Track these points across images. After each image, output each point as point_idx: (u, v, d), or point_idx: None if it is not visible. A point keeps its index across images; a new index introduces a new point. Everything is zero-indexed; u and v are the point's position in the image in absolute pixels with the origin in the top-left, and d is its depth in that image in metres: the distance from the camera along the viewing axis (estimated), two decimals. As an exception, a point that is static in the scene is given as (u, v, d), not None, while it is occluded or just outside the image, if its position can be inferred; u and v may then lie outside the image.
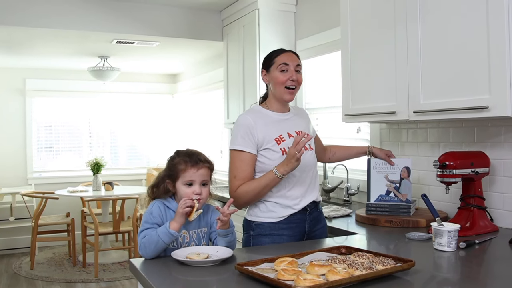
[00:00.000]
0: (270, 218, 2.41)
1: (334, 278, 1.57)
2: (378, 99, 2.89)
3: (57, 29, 4.71)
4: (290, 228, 2.42)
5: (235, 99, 4.98)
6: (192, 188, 2.11)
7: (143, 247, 2.01)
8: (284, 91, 2.45)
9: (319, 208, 2.58)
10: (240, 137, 2.40)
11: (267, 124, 2.44)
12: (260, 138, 2.40)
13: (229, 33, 5.11)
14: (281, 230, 2.41)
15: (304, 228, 2.46)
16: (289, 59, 2.47)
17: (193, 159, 2.13)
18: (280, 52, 2.51)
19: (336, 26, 3.75)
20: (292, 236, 2.42)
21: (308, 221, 2.47)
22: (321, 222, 2.58)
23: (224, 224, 2.06)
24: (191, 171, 2.11)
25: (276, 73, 2.46)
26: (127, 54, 6.24)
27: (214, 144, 6.63)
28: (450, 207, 2.85)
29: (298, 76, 2.47)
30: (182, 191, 2.11)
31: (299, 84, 2.49)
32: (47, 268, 5.97)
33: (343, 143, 3.86)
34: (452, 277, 1.86)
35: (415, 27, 2.60)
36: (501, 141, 2.63)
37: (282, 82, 2.44)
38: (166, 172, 2.18)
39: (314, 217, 2.51)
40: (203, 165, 2.14)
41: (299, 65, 2.50)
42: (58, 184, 7.17)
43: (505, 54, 2.15)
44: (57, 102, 7.62)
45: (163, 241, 1.98)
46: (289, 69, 2.44)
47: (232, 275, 1.78)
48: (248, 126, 2.40)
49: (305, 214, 2.46)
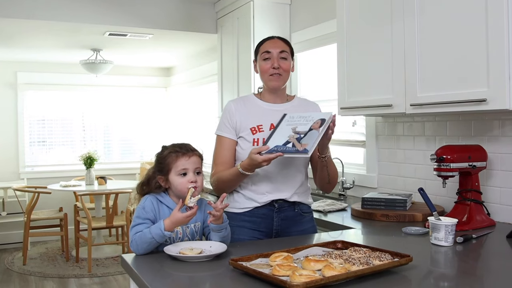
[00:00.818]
0: (233, 208, 2.36)
1: (330, 273, 1.53)
2: (375, 92, 2.85)
3: (49, 20, 4.63)
4: (253, 222, 2.35)
5: (229, 92, 4.93)
6: (186, 177, 2.07)
7: (135, 244, 1.96)
8: (268, 78, 2.40)
9: (299, 210, 2.41)
10: (221, 123, 2.44)
11: (250, 112, 2.40)
12: (238, 125, 2.39)
13: (223, 25, 5.06)
14: (242, 222, 2.35)
15: (272, 225, 2.37)
16: (272, 46, 2.40)
17: (183, 148, 2.11)
18: (264, 40, 2.47)
19: (332, 18, 3.70)
20: (255, 230, 2.35)
21: (277, 219, 2.37)
22: (302, 225, 2.43)
23: (217, 219, 2.01)
24: (183, 159, 2.07)
25: (260, 62, 2.42)
26: (120, 47, 6.18)
27: (208, 137, 6.58)
28: (447, 201, 2.82)
29: (282, 62, 2.38)
30: (177, 182, 2.07)
31: (285, 71, 2.39)
32: (39, 263, 5.92)
33: (339, 136, 3.83)
34: (449, 272, 1.84)
35: (412, 19, 2.56)
36: (498, 135, 2.60)
37: (265, 70, 2.39)
38: (156, 167, 2.13)
39: (286, 216, 2.38)
40: (193, 153, 2.11)
41: (284, 51, 2.40)
42: (51, 178, 7.10)
43: (504, 46, 2.12)
44: (49, 96, 7.54)
45: (156, 241, 1.94)
46: (272, 56, 2.38)
47: (226, 271, 1.74)
48: (228, 112, 2.43)
49: (272, 210, 2.36)
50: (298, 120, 2.25)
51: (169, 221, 1.95)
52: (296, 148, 2.13)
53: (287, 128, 2.23)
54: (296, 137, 2.17)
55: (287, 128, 2.23)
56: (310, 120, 2.21)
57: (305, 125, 2.20)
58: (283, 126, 2.25)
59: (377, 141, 3.44)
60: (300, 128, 2.20)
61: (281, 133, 2.22)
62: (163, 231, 1.92)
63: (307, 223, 2.47)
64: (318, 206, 3.07)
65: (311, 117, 2.23)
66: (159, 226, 1.94)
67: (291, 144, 2.15)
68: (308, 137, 2.15)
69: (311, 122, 2.20)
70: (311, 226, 2.49)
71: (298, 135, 2.18)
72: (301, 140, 2.15)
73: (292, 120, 2.26)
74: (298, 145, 2.14)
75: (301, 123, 2.22)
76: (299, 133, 2.18)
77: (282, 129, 2.24)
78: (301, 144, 2.13)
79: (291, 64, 2.44)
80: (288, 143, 2.16)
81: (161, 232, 1.92)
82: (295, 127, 2.21)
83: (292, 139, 2.17)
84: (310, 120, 2.21)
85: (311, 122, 2.20)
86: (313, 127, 2.17)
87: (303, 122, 2.22)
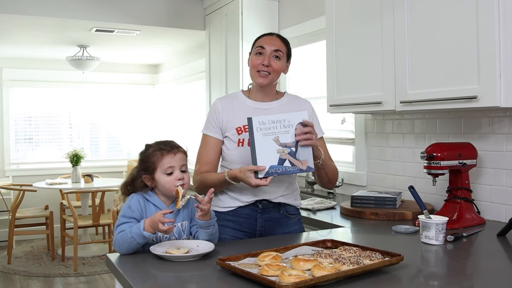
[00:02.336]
0: (216, 207, 2.33)
1: (320, 273, 1.50)
2: (364, 89, 2.83)
3: (35, 16, 4.55)
4: (236, 222, 2.31)
5: (217, 89, 4.89)
6: (173, 175, 2.02)
7: (117, 243, 1.93)
8: (255, 74, 2.32)
9: (285, 211, 2.36)
10: (208, 121, 2.39)
11: (236, 111, 2.32)
12: (224, 125, 2.33)
13: (212, 22, 5.01)
14: (225, 221, 2.31)
15: (255, 226, 2.32)
16: (267, 43, 2.33)
17: (168, 146, 2.06)
18: (263, 35, 2.40)
19: (321, 15, 3.68)
20: (239, 230, 2.31)
21: (261, 220, 2.32)
22: (288, 227, 2.37)
23: (204, 214, 1.97)
24: (169, 157, 2.03)
25: (252, 56, 2.36)
26: (107, 43, 6.11)
27: (195, 135, 6.53)
28: (437, 199, 2.80)
29: (273, 61, 2.29)
30: (163, 181, 2.02)
31: (274, 71, 2.30)
32: (25, 262, 5.84)
33: (328, 134, 3.80)
34: (440, 271, 1.82)
35: (402, 15, 2.54)
36: (488, 132, 2.58)
37: (254, 65, 2.32)
38: (140, 166, 2.08)
39: (270, 218, 2.33)
40: (178, 150, 2.07)
41: (279, 50, 2.31)
42: (37, 176, 7.00)
43: (495, 43, 2.11)
44: (35, 93, 7.45)
45: (137, 241, 1.89)
46: (265, 52, 2.30)
47: (213, 271, 1.71)
48: (214, 111, 2.37)
49: (256, 211, 2.31)
50: (273, 127, 2.09)
51: (148, 222, 1.89)
52: (299, 168, 2.09)
53: (267, 140, 2.08)
54: (288, 152, 2.08)
55: (267, 140, 2.08)
56: (287, 126, 2.09)
57: (286, 134, 2.08)
58: (259, 137, 2.08)
59: (366, 139, 3.42)
60: (284, 139, 2.08)
61: (265, 147, 2.08)
62: (141, 231, 1.87)
63: (294, 225, 2.40)
64: (306, 205, 3.04)
65: (287, 122, 2.09)
66: (139, 226, 1.89)
67: (288, 161, 2.08)
68: (302, 151, 2.08)
69: (291, 128, 2.09)
70: (298, 228, 2.42)
71: (288, 148, 2.08)
72: (296, 155, 2.08)
73: (264, 126, 2.08)
74: (297, 163, 2.09)
75: (280, 131, 2.09)
76: (288, 146, 2.08)
77: (262, 142, 2.08)
78: (300, 161, 2.08)
79: (284, 65, 2.35)
80: (283, 161, 2.08)
81: (140, 232, 1.87)
82: (277, 137, 2.08)
83: (285, 156, 2.08)
84: (288, 126, 2.09)
85: (291, 128, 2.09)
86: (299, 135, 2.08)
87: (282, 130, 2.09)
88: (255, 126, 2.08)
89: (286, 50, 2.37)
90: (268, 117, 2.10)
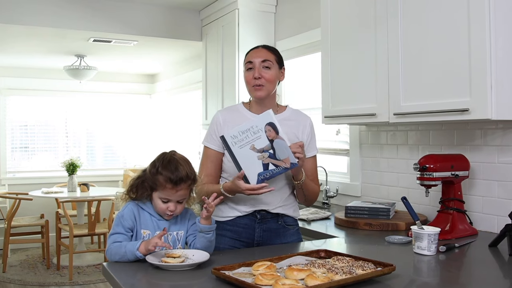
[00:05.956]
0: (215, 217, 2.30)
1: (313, 283, 1.53)
2: (358, 101, 2.86)
3: (33, 26, 4.60)
4: (235, 231, 2.33)
5: (213, 100, 4.92)
6: (167, 205, 2.05)
7: (110, 253, 1.97)
8: (251, 89, 2.35)
9: (283, 222, 2.37)
10: (209, 133, 2.41)
11: (237, 124, 2.29)
12: None
13: (208, 33, 5.05)
14: (224, 231, 2.32)
15: (253, 236, 2.34)
16: (254, 56, 2.35)
17: (175, 176, 2.01)
18: (250, 49, 2.42)
19: (316, 27, 3.72)
20: (237, 240, 2.33)
21: (259, 230, 2.33)
22: (286, 238, 2.38)
23: (208, 216, 2.01)
24: (170, 191, 2.02)
25: (244, 73, 2.39)
26: (104, 53, 6.14)
27: (191, 145, 6.55)
28: (430, 210, 2.83)
29: (264, 72, 2.30)
30: (156, 203, 2.06)
31: (267, 80, 2.30)
32: (20, 271, 5.83)
33: (323, 145, 3.84)
34: (432, 282, 1.84)
35: (396, 29, 2.58)
36: (480, 144, 2.62)
37: (247, 81, 2.35)
38: (147, 177, 2.08)
39: (269, 228, 2.34)
40: (183, 185, 2.03)
41: (267, 60, 2.31)
42: (33, 185, 7.01)
43: (486, 56, 2.15)
44: (32, 101, 7.48)
45: (128, 258, 1.93)
46: (254, 66, 2.32)
47: (208, 280, 1.73)
48: (215, 123, 2.39)
49: (254, 221, 2.33)
50: (245, 137, 2.12)
51: (144, 243, 1.92)
52: (283, 167, 2.12)
53: (245, 151, 2.12)
54: (268, 155, 2.11)
55: (245, 151, 2.12)
56: (257, 132, 2.11)
57: (259, 139, 2.11)
58: (237, 151, 2.12)
59: (360, 150, 3.45)
60: (259, 145, 2.11)
61: (246, 158, 2.12)
62: (135, 251, 1.91)
63: (291, 236, 2.41)
64: (301, 215, 3.05)
65: (255, 127, 2.12)
66: (135, 245, 1.93)
67: (271, 164, 2.12)
68: (279, 150, 2.11)
69: (261, 132, 2.11)
70: (295, 239, 2.43)
71: (267, 152, 2.11)
72: (276, 156, 2.11)
73: (237, 139, 2.13)
74: (280, 163, 2.12)
75: (252, 138, 2.12)
76: (265, 150, 2.11)
77: (241, 154, 2.13)
78: (282, 160, 2.11)
79: (276, 73, 2.35)
80: (267, 165, 2.12)
81: (133, 250, 1.91)
82: (252, 145, 2.12)
83: (267, 160, 2.12)
84: (258, 131, 2.11)
85: (261, 132, 2.11)
86: (271, 136, 2.11)
87: (254, 137, 2.12)
88: (230, 142, 2.13)
89: (275, 58, 2.36)
90: (236, 129, 2.14)
